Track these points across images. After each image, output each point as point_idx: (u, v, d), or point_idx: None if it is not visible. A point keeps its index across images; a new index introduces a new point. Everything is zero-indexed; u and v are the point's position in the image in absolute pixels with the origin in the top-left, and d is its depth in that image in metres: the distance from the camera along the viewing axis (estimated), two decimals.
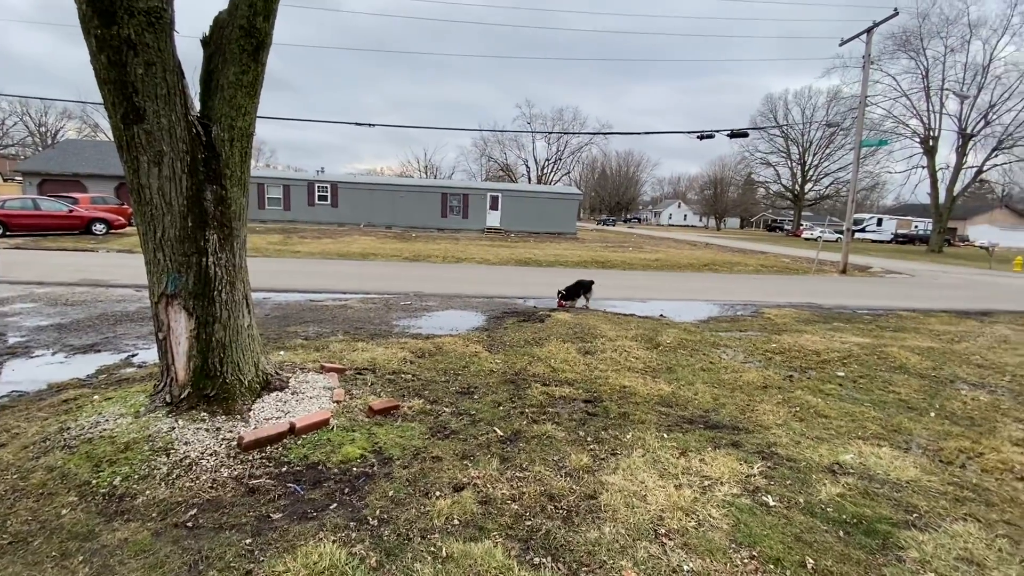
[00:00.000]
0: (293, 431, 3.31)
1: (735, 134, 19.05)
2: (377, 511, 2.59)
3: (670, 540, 2.46)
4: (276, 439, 3.22)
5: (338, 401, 3.85)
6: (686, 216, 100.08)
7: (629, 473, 3.07)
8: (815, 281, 15.41)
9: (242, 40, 3.24)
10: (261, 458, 3.05)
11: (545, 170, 74.13)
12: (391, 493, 2.76)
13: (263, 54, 3.38)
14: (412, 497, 2.74)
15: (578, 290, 8.74)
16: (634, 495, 2.83)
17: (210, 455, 3.01)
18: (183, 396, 3.39)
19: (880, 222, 53.48)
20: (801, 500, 2.87)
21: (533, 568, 2.23)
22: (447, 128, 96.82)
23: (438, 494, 2.76)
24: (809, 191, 60.56)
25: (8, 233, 16.68)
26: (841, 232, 24.72)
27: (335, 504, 2.66)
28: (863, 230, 48.32)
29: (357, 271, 12.68)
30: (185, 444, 3.07)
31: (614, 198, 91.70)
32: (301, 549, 2.25)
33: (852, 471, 3.26)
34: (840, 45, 19.01)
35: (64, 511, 2.49)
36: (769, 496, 2.90)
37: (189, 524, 2.44)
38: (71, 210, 18.12)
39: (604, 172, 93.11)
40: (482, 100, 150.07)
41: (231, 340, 3.52)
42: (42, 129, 58.72)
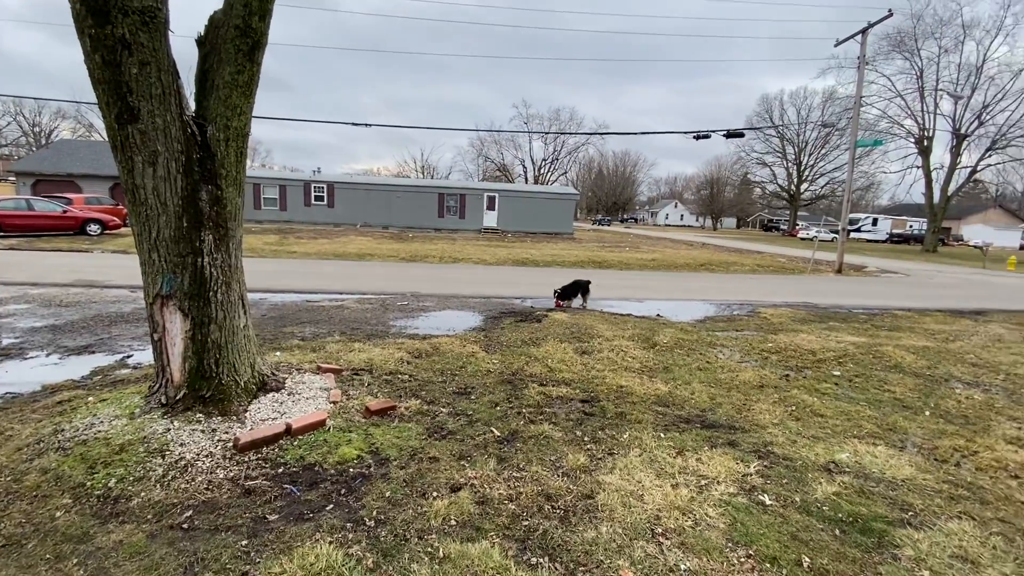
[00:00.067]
0: (289, 432, 3.30)
1: (731, 134, 19.11)
2: (374, 512, 2.59)
3: (667, 539, 2.46)
4: (272, 440, 3.21)
5: (335, 402, 3.83)
6: (683, 216, 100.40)
7: (626, 473, 3.07)
8: (811, 281, 15.47)
9: (238, 40, 3.22)
10: (257, 459, 3.04)
11: (542, 170, 74.11)
12: (388, 494, 2.75)
13: (259, 54, 3.37)
14: (409, 498, 2.73)
15: (575, 290, 8.75)
16: (631, 495, 2.83)
17: (206, 456, 2.99)
18: (178, 397, 3.38)
19: (875, 222, 53.82)
20: (797, 499, 2.88)
21: (530, 568, 2.23)
22: (444, 128, 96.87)
23: (435, 495, 2.76)
24: (805, 191, 60.80)
25: (2, 234, 16.56)
26: (837, 232, 24.81)
27: (332, 505, 2.65)
28: (858, 230, 48.53)
29: (353, 271, 12.65)
30: (180, 445, 3.05)
31: (611, 198, 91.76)
32: (297, 550, 2.24)
33: (848, 470, 3.27)
34: (835, 46, 19.16)
35: (58, 513, 2.47)
36: (765, 495, 2.91)
37: (185, 526, 2.43)
38: (65, 211, 18.00)
39: (601, 172, 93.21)
40: (479, 100, 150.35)
41: (227, 341, 3.51)
42: (36, 129, 58.39)
